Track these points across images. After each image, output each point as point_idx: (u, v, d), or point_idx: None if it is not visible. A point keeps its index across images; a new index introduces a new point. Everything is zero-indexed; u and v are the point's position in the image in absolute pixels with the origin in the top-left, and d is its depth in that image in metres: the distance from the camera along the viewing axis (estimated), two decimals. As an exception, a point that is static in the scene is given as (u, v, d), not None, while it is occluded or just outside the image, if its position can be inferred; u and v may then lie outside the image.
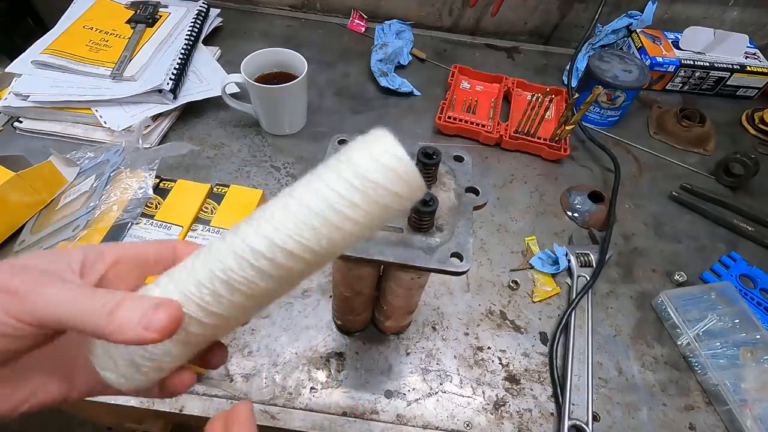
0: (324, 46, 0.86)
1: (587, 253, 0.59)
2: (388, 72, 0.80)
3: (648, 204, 0.68)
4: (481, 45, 0.92)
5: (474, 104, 0.77)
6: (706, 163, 0.74)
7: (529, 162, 0.72)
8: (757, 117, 0.81)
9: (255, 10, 0.93)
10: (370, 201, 0.20)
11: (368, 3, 0.92)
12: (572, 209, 0.65)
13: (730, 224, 0.66)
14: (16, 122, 0.67)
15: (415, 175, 0.21)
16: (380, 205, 0.21)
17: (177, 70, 0.70)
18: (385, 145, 0.21)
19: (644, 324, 0.56)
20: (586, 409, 0.48)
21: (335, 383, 0.48)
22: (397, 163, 0.21)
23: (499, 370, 0.51)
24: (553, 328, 0.54)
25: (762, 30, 0.91)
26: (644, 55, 0.83)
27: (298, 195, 0.21)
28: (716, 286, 0.56)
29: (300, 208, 0.20)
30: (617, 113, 0.77)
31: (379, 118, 0.76)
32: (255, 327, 0.51)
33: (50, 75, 0.67)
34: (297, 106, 0.69)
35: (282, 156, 0.68)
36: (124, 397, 0.46)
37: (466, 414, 0.48)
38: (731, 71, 0.82)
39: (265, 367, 0.49)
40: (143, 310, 0.19)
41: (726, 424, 0.49)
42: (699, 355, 0.51)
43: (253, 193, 0.56)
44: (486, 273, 0.58)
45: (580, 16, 0.91)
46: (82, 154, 0.62)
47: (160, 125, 0.68)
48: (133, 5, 0.78)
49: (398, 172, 0.21)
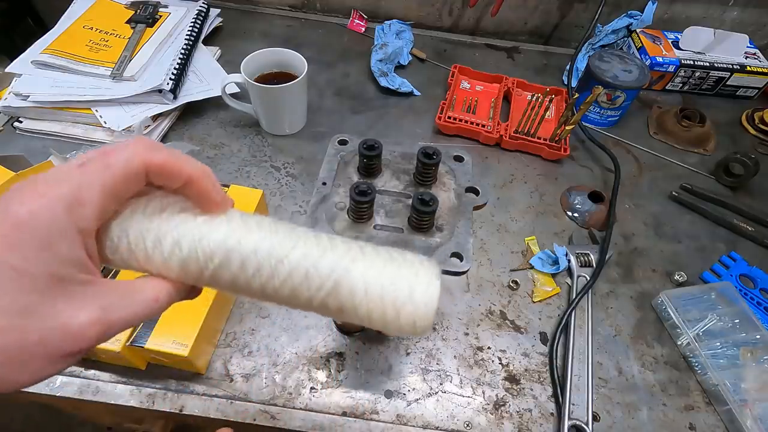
0: (324, 46, 0.86)
1: (587, 253, 0.59)
2: (388, 72, 0.80)
3: (648, 204, 0.68)
4: (481, 45, 0.92)
5: (474, 104, 0.77)
6: (706, 163, 0.74)
7: (529, 162, 0.72)
8: (757, 117, 0.81)
9: (255, 10, 0.93)
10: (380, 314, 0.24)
11: (368, 3, 0.92)
12: (572, 209, 0.65)
13: (730, 224, 0.66)
14: (16, 122, 0.67)
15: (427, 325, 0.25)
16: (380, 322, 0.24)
17: (177, 70, 0.70)
18: (428, 297, 0.24)
19: (644, 324, 0.56)
20: (586, 409, 0.48)
21: (335, 383, 0.48)
22: (423, 318, 0.24)
23: (499, 370, 0.51)
24: (553, 328, 0.54)
25: (762, 30, 0.91)
26: (644, 55, 0.83)
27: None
28: (716, 286, 0.56)
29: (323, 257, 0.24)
30: (617, 113, 0.77)
31: (379, 118, 0.76)
32: (255, 327, 0.51)
33: (50, 75, 0.67)
34: (297, 106, 0.69)
35: (282, 156, 0.68)
36: (124, 397, 0.46)
37: (466, 414, 0.48)
38: (731, 71, 0.82)
39: (265, 367, 0.49)
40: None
41: (726, 424, 0.49)
42: (699, 355, 0.51)
43: (253, 193, 0.56)
44: (486, 273, 0.58)
45: (580, 16, 0.91)
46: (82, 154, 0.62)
47: (160, 125, 0.68)
48: (133, 5, 0.78)
49: (419, 321, 0.24)
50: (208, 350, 0.49)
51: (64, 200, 0.19)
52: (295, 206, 0.63)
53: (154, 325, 0.44)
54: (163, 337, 0.43)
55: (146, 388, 0.46)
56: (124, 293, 0.21)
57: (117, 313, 0.20)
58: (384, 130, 0.74)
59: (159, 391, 0.46)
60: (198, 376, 0.48)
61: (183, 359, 0.43)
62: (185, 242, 0.23)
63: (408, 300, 0.24)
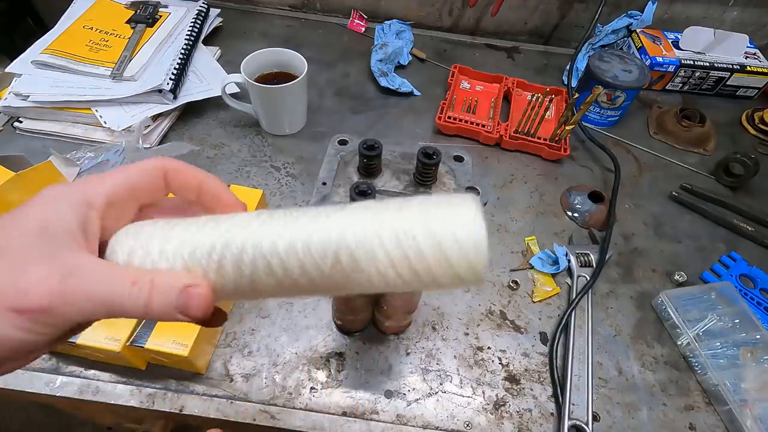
0: (324, 46, 0.86)
1: (587, 253, 0.59)
2: (388, 72, 0.80)
3: (648, 204, 0.68)
4: (481, 45, 0.92)
5: (474, 104, 0.77)
6: (706, 163, 0.74)
7: (529, 162, 0.72)
8: (757, 117, 0.81)
9: (255, 10, 0.93)
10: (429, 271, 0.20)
11: (368, 3, 0.92)
12: (572, 209, 0.65)
13: (730, 224, 0.65)
14: (16, 122, 0.67)
15: (482, 260, 0.20)
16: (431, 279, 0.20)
17: (177, 70, 0.70)
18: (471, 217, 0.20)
19: (644, 324, 0.56)
20: (586, 409, 0.48)
21: (335, 383, 0.48)
22: (474, 246, 0.20)
23: (499, 370, 0.51)
24: (553, 328, 0.54)
25: (762, 30, 0.91)
26: (644, 55, 0.83)
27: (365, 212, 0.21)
28: (716, 286, 0.56)
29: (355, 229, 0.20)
30: (617, 113, 0.77)
31: (379, 118, 0.76)
32: (255, 327, 0.51)
33: (50, 75, 0.67)
34: (297, 106, 0.69)
35: (282, 156, 0.68)
36: (124, 397, 0.46)
37: (466, 414, 0.48)
38: (731, 71, 0.82)
39: (265, 367, 0.49)
40: (177, 293, 0.20)
41: (726, 424, 0.49)
42: (699, 355, 0.51)
43: (253, 193, 0.55)
44: (486, 273, 0.58)
45: (580, 16, 0.91)
46: (82, 154, 0.62)
47: (160, 125, 0.68)
48: (133, 5, 0.78)
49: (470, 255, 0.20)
50: (208, 350, 0.49)
51: (85, 180, 0.22)
52: (295, 206, 0.63)
53: (154, 325, 0.44)
54: (163, 337, 0.43)
55: (146, 388, 0.46)
56: (103, 270, 0.20)
57: (80, 285, 0.19)
58: (384, 130, 0.74)
59: (159, 391, 0.46)
60: (198, 376, 0.48)
61: (183, 359, 0.43)
62: (187, 245, 0.22)
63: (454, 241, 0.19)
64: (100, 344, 0.42)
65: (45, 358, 0.48)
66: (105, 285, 0.20)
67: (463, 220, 0.19)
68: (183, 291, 0.20)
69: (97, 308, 0.19)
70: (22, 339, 0.18)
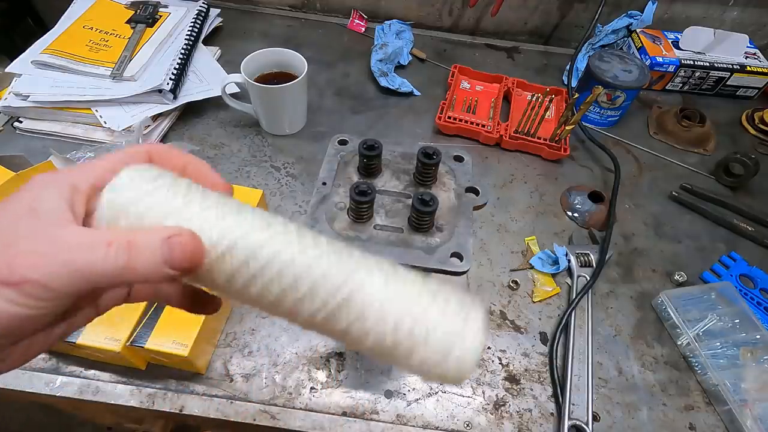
0: (324, 46, 0.86)
1: (587, 253, 0.59)
2: (388, 72, 0.80)
3: (648, 204, 0.68)
4: (481, 45, 0.92)
5: (474, 104, 0.77)
6: (706, 163, 0.74)
7: (529, 162, 0.72)
8: (757, 117, 0.81)
9: (255, 10, 0.93)
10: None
11: (368, 3, 0.92)
12: (572, 209, 0.65)
13: (730, 224, 0.66)
14: (16, 122, 0.67)
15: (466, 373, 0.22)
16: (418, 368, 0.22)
17: (177, 70, 0.70)
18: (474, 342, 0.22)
19: (644, 324, 0.56)
20: (586, 409, 0.48)
21: (335, 383, 0.48)
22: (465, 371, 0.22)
23: (499, 370, 0.51)
24: (553, 328, 0.54)
25: (762, 30, 0.91)
26: (644, 55, 0.83)
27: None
28: (716, 286, 0.56)
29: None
30: (617, 113, 0.77)
31: (379, 118, 0.76)
32: (255, 327, 0.51)
33: (50, 75, 0.67)
34: (297, 106, 0.69)
35: (282, 156, 0.68)
36: (124, 397, 0.46)
37: (466, 414, 0.48)
38: (731, 71, 0.82)
39: (265, 367, 0.49)
40: (160, 245, 0.20)
41: (726, 424, 0.49)
42: (699, 355, 0.51)
43: (253, 193, 0.55)
44: (486, 273, 0.58)
45: (580, 16, 0.91)
46: (82, 154, 0.62)
47: (160, 125, 0.68)
48: (133, 5, 0.78)
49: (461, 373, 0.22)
50: (208, 350, 0.49)
51: (75, 167, 0.22)
52: (295, 206, 0.63)
53: (154, 325, 0.44)
54: (163, 337, 0.43)
55: (146, 388, 0.46)
56: (81, 235, 0.20)
57: (60, 254, 0.19)
58: (384, 130, 0.74)
59: (159, 391, 0.46)
60: (198, 376, 0.48)
61: (183, 359, 0.43)
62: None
63: (452, 350, 0.22)
64: (100, 344, 0.42)
65: (45, 358, 0.48)
66: (80, 251, 0.19)
67: (470, 346, 0.22)
68: (165, 241, 0.20)
69: (74, 277, 0.19)
70: (16, 312, 0.19)
